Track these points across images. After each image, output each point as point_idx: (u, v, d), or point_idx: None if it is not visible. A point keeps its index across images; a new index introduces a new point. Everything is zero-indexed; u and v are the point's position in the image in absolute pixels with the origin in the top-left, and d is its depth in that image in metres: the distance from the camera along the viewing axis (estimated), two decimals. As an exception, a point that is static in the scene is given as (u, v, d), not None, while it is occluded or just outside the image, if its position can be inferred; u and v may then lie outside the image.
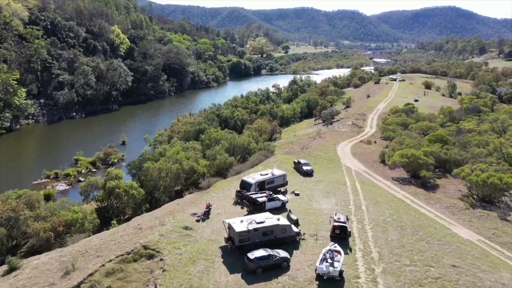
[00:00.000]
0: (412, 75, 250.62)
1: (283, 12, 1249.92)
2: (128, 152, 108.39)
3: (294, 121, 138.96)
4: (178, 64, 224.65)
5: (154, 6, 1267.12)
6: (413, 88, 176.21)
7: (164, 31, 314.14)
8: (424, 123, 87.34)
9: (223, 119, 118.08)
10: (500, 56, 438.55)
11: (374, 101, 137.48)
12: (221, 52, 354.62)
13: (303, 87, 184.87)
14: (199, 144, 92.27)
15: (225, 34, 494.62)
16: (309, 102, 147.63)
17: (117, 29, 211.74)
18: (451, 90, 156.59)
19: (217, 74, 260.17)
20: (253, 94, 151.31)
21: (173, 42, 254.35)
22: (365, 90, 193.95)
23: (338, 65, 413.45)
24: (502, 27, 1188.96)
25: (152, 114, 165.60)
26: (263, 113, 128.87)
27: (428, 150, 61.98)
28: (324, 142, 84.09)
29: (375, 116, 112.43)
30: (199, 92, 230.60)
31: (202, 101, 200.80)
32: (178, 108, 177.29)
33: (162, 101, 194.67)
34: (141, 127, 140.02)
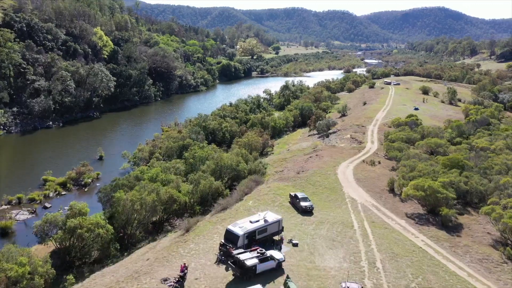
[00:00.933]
0: (407, 79, 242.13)
1: (274, 12, 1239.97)
2: (105, 170, 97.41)
3: (287, 131, 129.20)
4: (165, 67, 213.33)
5: (143, 6, 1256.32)
6: (411, 94, 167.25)
7: (151, 32, 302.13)
8: (432, 140, 77.84)
9: (210, 131, 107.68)
10: (492, 57, 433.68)
11: (372, 110, 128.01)
12: (211, 53, 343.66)
13: (296, 93, 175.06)
14: (183, 164, 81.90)
15: (215, 35, 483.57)
16: (303, 110, 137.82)
17: (99, 31, 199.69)
18: (451, 97, 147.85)
19: (206, 77, 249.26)
20: (242, 102, 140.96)
21: (159, 44, 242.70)
22: (360, 96, 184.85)
23: (330, 66, 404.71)
24: (490, 28, 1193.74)
25: (136, 122, 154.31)
26: (254, 124, 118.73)
27: (446, 180, 52.28)
28: (322, 163, 74.07)
29: (375, 128, 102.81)
30: (187, 96, 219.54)
31: (189, 107, 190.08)
32: (163, 116, 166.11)
33: (147, 107, 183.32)
34: (122, 138, 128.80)
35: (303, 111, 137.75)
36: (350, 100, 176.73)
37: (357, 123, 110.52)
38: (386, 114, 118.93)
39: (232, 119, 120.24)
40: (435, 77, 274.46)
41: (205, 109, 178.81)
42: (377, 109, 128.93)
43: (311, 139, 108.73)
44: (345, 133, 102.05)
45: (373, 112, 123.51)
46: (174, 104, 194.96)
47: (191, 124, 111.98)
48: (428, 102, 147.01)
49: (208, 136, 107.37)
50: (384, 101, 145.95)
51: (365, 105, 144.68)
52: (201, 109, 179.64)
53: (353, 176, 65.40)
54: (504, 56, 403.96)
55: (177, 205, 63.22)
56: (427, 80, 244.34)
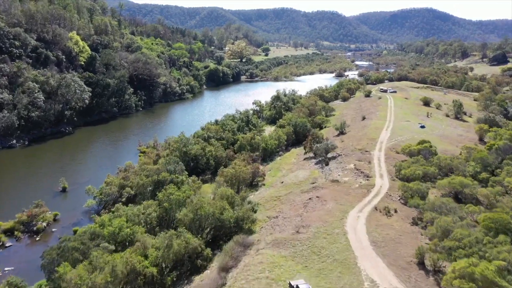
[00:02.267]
0: (402, 85, 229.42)
1: (263, 12, 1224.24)
2: (66, 207, 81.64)
3: (280, 151, 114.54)
4: (147, 74, 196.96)
5: (130, 5, 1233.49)
6: (411, 106, 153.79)
7: (134, 35, 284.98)
8: (456, 180, 63.72)
9: (192, 157, 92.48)
10: (484, 60, 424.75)
11: (373, 128, 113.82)
12: (198, 57, 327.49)
13: (288, 104, 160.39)
14: (156, 207, 66.71)
15: (203, 36, 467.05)
16: (296, 127, 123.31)
17: (75, 35, 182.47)
18: (457, 111, 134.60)
19: (192, 83, 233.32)
20: (229, 118, 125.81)
21: (142, 49, 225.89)
22: (356, 106, 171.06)
23: (321, 70, 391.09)
24: (477, 29, 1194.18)
25: (111, 139, 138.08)
26: (242, 147, 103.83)
27: (503, 264, 38.05)
28: (325, 212, 59.44)
29: (381, 154, 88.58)
30: (171, 105, 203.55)
31: (172, 119, 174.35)
32: (143, 130, 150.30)
33: (126, 120, 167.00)
34: (92, 161, 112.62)
35: (296, 128, 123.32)
36: (346, 112, 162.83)
37: (359, 146, 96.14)
38: (391, 135, 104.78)
39: (218, 141, 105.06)
40: (431, 82, 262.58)
41: (189, 121, 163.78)
42: (379, 127, 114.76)
43: (307, 165, 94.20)
44: (347, 161, 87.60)
45: (375, 131, 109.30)
46: (156, 115, 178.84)
47: (170, 148, 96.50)
48: (432, 117, 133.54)
49: (190, 163, 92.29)
50: (385, 116, 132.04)
51: (364, 120, 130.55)
52: (186, 121, 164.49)
53: (368, 236, 50.86)
54: (497, 59, 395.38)
55: (141, 280, 48.14)
56: (423, 87, 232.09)
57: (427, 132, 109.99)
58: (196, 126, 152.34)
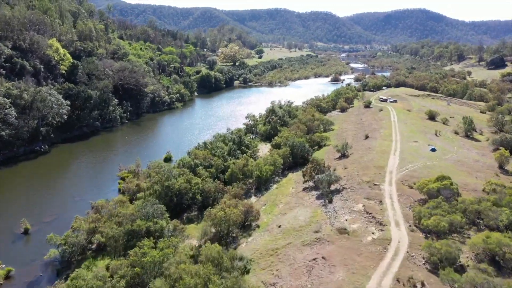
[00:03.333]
0: (402, 93, 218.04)
1: (256, 13, 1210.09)
2: (23, 257, 68.53)
3: (276, 176, 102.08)
4: (134, 84, 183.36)
5: (123, 6, 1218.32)
6: (416, 121, 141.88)
7: (122, 40, 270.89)
8: (493, 239, 51.74)
9: (176, 192, 79.68)
10: (481, 63, 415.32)
11: (379, 151, 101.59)
12: (190, 61, 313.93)
13: (283, 118, 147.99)
14: (127, 269, 54.03)
15: (195, 38, 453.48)
16: (294, 148, 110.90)
17: (55, 42, 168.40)
18: (468, 128, 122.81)
19: (183, 91, 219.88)
20: (220, 139, 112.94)
21: (129, 56, 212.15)
22: (356, 119, 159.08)
23: (316, 74, 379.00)
24: (470, 30, 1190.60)
25: (90, 159, 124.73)
26: (234, 175, 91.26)
27: None
28: (334, 285, 47.06)
29: (393, 190, 76.33)
30: (159, 116, 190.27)
31: (160, 133, 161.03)
32: (126, 148, 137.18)
33: (110, 135, 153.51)
34: (65, 190, 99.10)
35: (294, 149, 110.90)
36: (346, 126, 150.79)
37: (367, 178, 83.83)
38: (400, 161, 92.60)
39: (206, 169, 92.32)
40: (430, 89, 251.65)
41: (178, 136, 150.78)
42: (386, 150, 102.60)
43: (308, 199, 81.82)
44: (354, 198, 75.25)
45: (382, 157, 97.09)
46: (142, 128, 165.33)
47: (151, 179, 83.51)
48: (441, 135, 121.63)
49: (173, 199, 79.55)
50: (390, 134, 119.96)
51: (367, 140, 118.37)
52: (174, 136, 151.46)
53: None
54: (494, 63, 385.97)
55: None
56: (424, 95, 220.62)
57: (439, 157, 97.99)
58: (184, 143, 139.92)
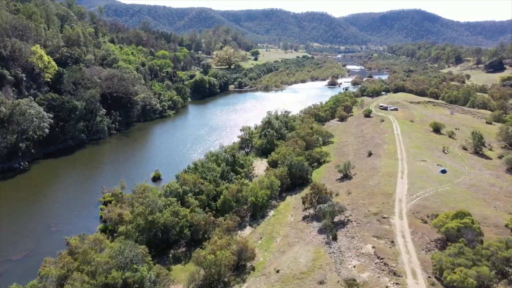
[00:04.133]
0: (402, 100, 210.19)
1: (252, 13, 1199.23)
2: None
3: (273, 200, 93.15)
4: (123, 92, 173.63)
5: (118, 6, 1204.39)
6: (420, 133, 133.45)
7: (114, 44, 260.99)
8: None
9: (161, 228, 70.47)
10: (479, 66, 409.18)
11: (385, 174, 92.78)
12: (183, 65, 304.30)
13: (280, 131, 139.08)
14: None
15: (190, 41, 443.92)
16: (292, 167, 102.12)
17: (39, 49, 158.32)
18: (477, 144, 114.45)
19: (175, 98, 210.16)
20: (212, 159, 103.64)
21: (119, 62, 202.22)
22: (357, 131, 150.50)
23: (313, 77, 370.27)
24: (466, 30, 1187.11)
25: (72, 178, 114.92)
26: (227, 203, 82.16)
27: None
28: None
29: (404, 225, 67.61)
30: (150, 125, 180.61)
31: (149, 147, 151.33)
32: (112, 165, 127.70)
33: (96, 148, 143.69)
34: (39, 220, 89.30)
35: (292, 169, 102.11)
36: (346, 139, 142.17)
37: (374, 208, 75.02)
38: (409, 186, 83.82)
39: (196, 196, 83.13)
40: (430, 95, 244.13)
41: (168, 150, 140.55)
42: (392, 172, 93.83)
43: (309, 233, 73.03)
44: (361, 235, 66.43)
45: (388, 181, 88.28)
46: (131, 140, 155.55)
47: (134, 212, 74.08)
48: (449, 152, 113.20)
49: (158, 235, 70.35)
50: (395, 151, 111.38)
51: (371, 158, 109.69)
52: (164, 149, 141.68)
53: None
54: (493, 66, 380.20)
55: None
56: (425, 102, 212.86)
57: (450, 180, 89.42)
58: (175, 158, 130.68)
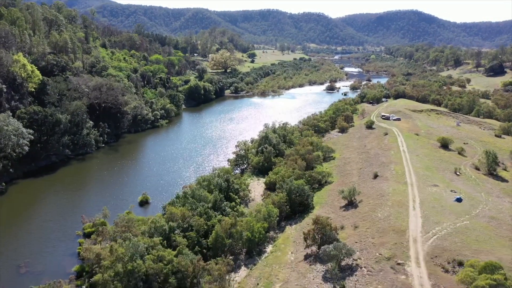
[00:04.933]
0: (404, 108, 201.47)
1: (249, 14, 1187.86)
2: None
3: (271, 231, 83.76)
4: (112, 102, 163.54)
5: (114, 6, 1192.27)
6: (428, 149, 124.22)
7: (106, 48, 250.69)
8: None
9: (142, 277, 60.75)
10: (479, 69, 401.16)
11: (395, 204, 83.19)
12: (178, 69, 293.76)
13: (278, 146, 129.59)
14: None
15: (185, 43, 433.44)
16: (291, 193, 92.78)
17: (21, 57, 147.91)
18: (490, 164, 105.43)
19: (168, 107, 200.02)
20: (204, 184, 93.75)
21: (109, 69, 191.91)
22: (359, 145, 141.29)
23: (310, 81, 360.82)
24: (462, 31, 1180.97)
25: (53, 202, 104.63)
26: (219, 240, 72.52)
27: None
28: None
29: (423, 275, 58.15)
30: (141, 137, 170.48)
31: (138, 163, 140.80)
32: (97, 186, 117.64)
33: (82, 165, 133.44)
34: (12, 255, 79.19)
35: (291, 194, 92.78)
36: (348, 155, 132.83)
37: (386, 251, 65.48)
38: (424, 221, 74.34)
39: (184, 233, 73.38)
40: (432, 102, 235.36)
41: (158, 166, 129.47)
42: (402, 201, 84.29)
43: (312, 278, 63.82)
44: (374, 287, 57.14)
45: (399, 213, 78.80)
46: (120, 155, 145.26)
47: (113, 256, 64.33)
48: (461, 173, 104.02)
49: (138, 285, 60.64)
50: (403, 173, 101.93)
51: (377, 180, 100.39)
52: (155, 166, 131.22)
53: None
54: (493, 70, 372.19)
55: None
56: (428, 110, 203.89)
57: (468, 211, 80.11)
58: (166, 177, 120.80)
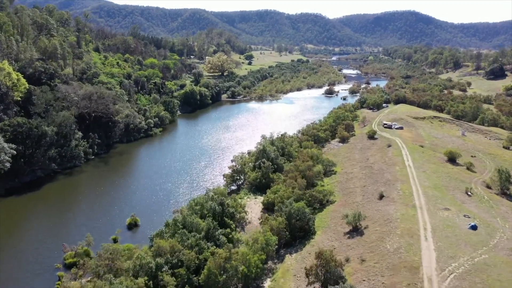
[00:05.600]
0: (406, 115, 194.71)
1: (246, 14, 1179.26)
2: None
3: (269, 261, 76.35)
4: (103, 111, 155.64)
5: (110, 6, 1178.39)
6: (435, 165, 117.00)
7: (99, 52, 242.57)
8: None
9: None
10: (479, 72, 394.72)
11: (404, 232, 75.82)
12: (173, 73, 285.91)
13: (276, 160, 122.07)
14: None
15: (182, 45, 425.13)
16: (291, 217, 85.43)
17: (6, 65, 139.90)
18: (503, 184, 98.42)
19: (162, 114, 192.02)
20: (197, 208, 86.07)
21: (100, 76, 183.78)
22: (362, 157, 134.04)
23: (309, 85, 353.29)
24: (459, 32, 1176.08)
25: (33, 226, 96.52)
26: (211, 278, 64.95)
27: None
28: None
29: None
30: (134, 148, 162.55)
31: (129, 178, 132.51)
32: (84, 203, 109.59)
33: (69, 180, 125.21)
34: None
35: (291, 219, 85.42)
36: (351, 169, 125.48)
37: (398, 293, 58.30)
38: (438, 256, 66.95)
39: (173, 270, 65.71)
40: (434, 107, 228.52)
41: (150, 182, 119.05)
42: (412, 229, 76.71)
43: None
44: None
45: (410, 244, 71.30)
46: (110, 169, 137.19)
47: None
48: (473, 194, 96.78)
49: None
50: (410, 193, 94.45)
51: (383, 201, 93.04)
52: (146, 181, 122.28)
53: None
54: (494, 73, 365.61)
55: None
56: (430, 117, 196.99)
57: (485, 242, 72.65)
58: (157, 195, 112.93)
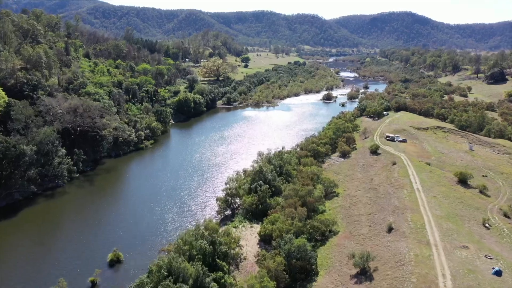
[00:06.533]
0: (408, 125, 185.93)
1: (242, 15, 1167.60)
2: None
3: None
4: (89, 126, 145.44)
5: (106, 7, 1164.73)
6: (445, 187, 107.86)
7: (89, 58, 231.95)
8: None
9: None
10: (478, 76, 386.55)
11: (421, 280, 65.85)
12: (167, 79, 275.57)
13: (274, 182, 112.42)
14: None
15: (177, 48, 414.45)
16: (291, 256, 75.94)
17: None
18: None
19: (154, 125, 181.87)
20: (186, 247, 75.96)
21: (87, 86, 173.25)
22: (365, 177, 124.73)
23: (306, 90, 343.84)
24: (455, 33, 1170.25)
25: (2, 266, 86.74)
26: None
27: None
28: None
29: None
30: (122, 163, 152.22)
31: (116, 204, 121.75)
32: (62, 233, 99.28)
33: (50, 203, 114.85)
34: None
35: (291, 258, 75.87)
36: (354, 191, 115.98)
37: None
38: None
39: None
40: (437, 116, 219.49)
41: (137, 208, 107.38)
42: (429, 277, 67.00)
43: None
44: None
45: None
46: (95, 189, 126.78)
47: None
48: (492, 226, 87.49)
49: None
50: (422, 225, 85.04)
51: (392, 235, 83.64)
52: (133, 206, 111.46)
53: None
54: (494, 77, 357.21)
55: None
56: (434, 128, 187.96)
57: None
58: (144, 222, 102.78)
